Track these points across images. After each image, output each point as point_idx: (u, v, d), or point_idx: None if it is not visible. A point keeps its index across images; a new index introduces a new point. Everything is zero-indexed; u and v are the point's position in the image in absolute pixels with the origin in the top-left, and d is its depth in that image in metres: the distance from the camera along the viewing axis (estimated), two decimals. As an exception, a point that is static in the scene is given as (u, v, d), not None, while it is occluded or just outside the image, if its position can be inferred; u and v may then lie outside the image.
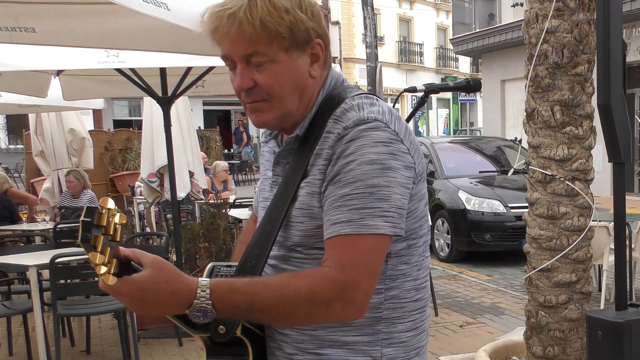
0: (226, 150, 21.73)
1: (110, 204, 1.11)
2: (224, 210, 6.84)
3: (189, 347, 5.03)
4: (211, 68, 5.12)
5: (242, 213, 7.26)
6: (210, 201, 7.22)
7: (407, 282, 1.40)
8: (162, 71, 5.39)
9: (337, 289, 1.25)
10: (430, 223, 2.44)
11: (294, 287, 1.26)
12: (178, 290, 1.22)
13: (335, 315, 1.29)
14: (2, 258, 4.88)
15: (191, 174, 7.38)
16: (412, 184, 1.34)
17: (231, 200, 8.23)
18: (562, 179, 3.58)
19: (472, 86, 3.34)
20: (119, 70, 5.22)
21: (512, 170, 8.57)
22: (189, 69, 5.19)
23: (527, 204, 3.81)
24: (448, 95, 35.88)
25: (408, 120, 3.09)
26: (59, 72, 5.75)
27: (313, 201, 1.34)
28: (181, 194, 6.93)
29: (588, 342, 3.21)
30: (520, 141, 9.47)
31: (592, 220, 3.65)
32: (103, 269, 1.10)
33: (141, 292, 1.19)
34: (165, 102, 5.47)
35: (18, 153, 19.59)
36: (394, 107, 1.45)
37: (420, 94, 3.27)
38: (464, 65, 38.17)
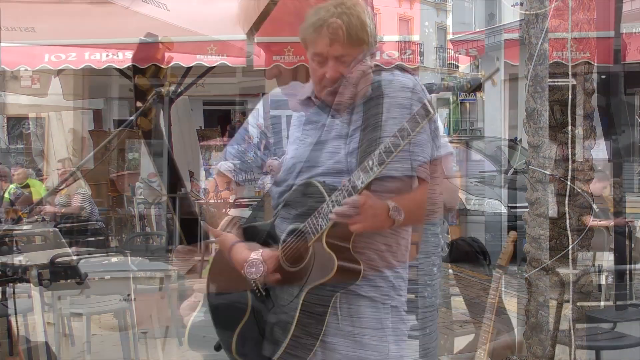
0: (226, 150, 21.67)
1: None
2: (224, 210, 6.82)
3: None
4: (211, 68, 5.12)
5: (242, 212, 7.25)
6: (210, 201, 7.21)
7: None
8: (162, 71, 5.37)
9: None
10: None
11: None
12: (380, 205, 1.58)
13: None
14: (1, 257, 4.87)
15: (191, 174, 7.37)
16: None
17: (231, 200, 8.21)
18: (562, 179, 3.58)
19: (472, 86, 3.33)
20: (119, 70, 5.22)
21: (512, 170, 8.58)
22: (188, 68, 5.19)
23: (527, 204, 3.81)
24: (448, 94, 35.87)
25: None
26: (58, 72, 5.74)
27: (340, 143, 1.67)
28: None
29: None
30: (520, 141, 9.48)
31: (592, 220, 3.64)
32: None
33: (371, 207, 1.52)
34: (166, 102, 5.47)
35: (18, 153, 19.58)
36: None
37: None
38: (464, 65, 38.15)
